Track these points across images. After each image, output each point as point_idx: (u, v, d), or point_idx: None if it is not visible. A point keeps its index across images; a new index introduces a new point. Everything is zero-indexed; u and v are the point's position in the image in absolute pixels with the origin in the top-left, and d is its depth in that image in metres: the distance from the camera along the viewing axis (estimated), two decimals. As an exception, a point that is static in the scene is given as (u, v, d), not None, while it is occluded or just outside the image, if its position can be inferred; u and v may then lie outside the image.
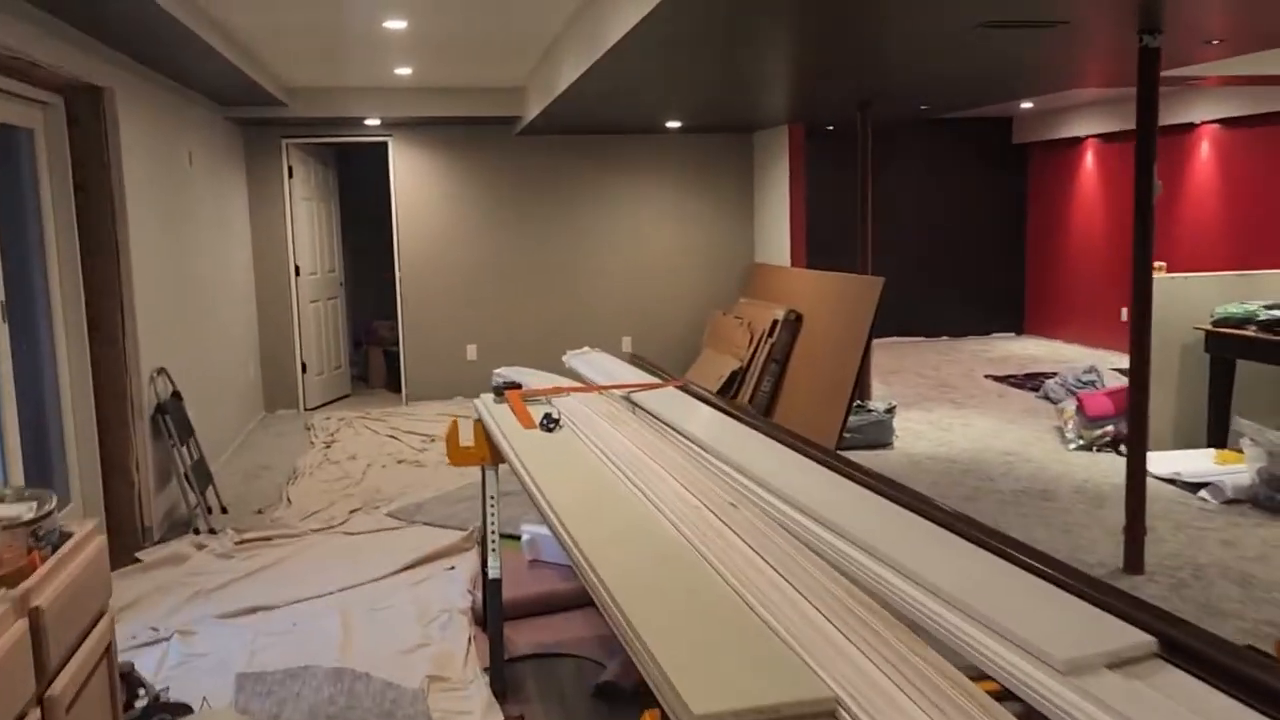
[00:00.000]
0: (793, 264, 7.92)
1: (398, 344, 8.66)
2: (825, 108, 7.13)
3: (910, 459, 6.18)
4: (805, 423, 6.78)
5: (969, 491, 5.50)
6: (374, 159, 8.94)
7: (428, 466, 6.38)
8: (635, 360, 4.46)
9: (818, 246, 9.31)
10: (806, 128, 8.01)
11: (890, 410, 6.53)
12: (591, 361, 4.53)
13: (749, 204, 8.86)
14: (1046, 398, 7.83)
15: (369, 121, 7.91)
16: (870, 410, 6.52)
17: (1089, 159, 10.30)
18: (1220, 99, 8.28)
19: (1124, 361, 9.49)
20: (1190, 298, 6.01)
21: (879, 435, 6.48)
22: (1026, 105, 9.55)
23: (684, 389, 3.62)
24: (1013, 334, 11.47)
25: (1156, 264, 6.02)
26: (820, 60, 4.94)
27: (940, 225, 10.99)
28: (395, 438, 7.20)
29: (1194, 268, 8.82)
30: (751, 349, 7.58)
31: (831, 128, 8.74)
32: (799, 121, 7.78)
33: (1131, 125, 9.56)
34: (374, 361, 9.40)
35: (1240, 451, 5.52)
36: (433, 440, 7.03)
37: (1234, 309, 5.74)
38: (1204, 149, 8.77)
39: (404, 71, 6.70)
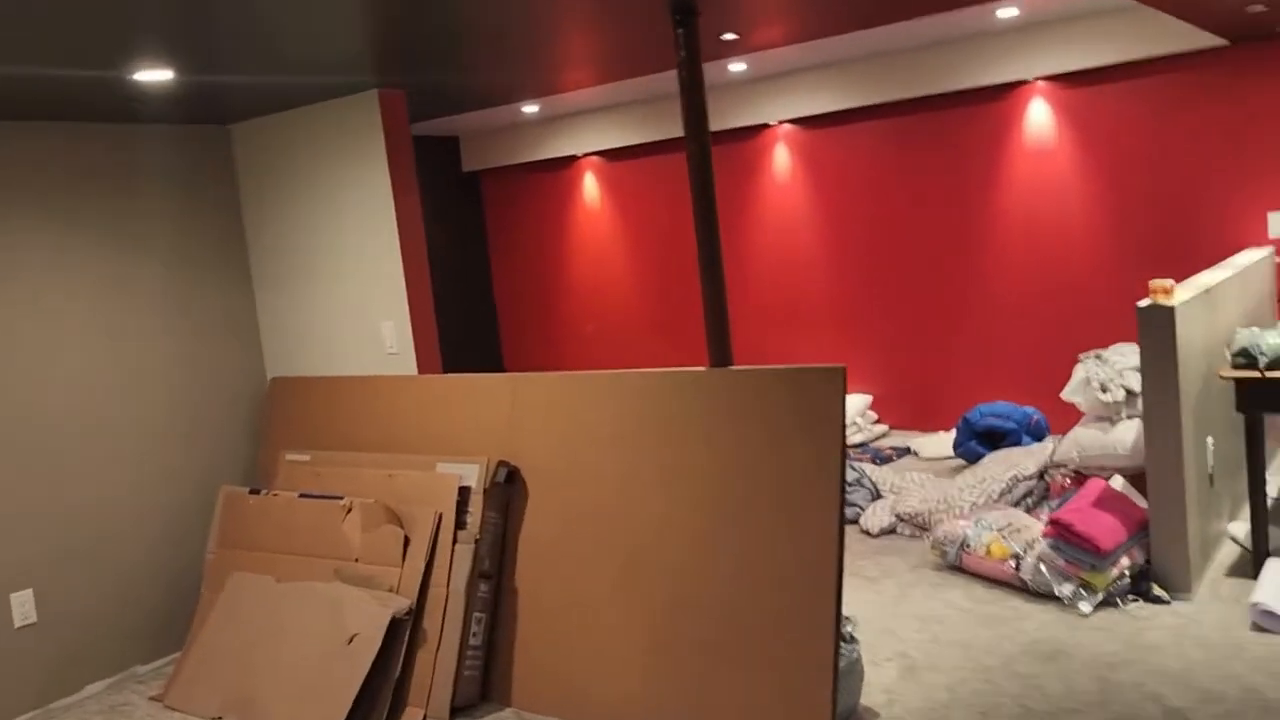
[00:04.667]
0: (420, 366, 3.93)
1: None
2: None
3: (964, 732, 2.93)
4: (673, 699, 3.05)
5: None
6: None
7: None
8: None
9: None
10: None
11: (852, 637, 3.14)
12: None
13: (237, 265, 4.44)
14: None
15: None
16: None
17: (588, 183, 7.81)
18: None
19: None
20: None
21: (845, 694, 3.07)
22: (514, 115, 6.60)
23: None
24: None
25: (1162, 282, 3.78)
26: None
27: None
28: None
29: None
30: (424, 556, 3.43)
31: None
32: (398, 84, 3.82)
33: (645, 139, 7.29)
34: None
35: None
36: None
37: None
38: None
39: None
